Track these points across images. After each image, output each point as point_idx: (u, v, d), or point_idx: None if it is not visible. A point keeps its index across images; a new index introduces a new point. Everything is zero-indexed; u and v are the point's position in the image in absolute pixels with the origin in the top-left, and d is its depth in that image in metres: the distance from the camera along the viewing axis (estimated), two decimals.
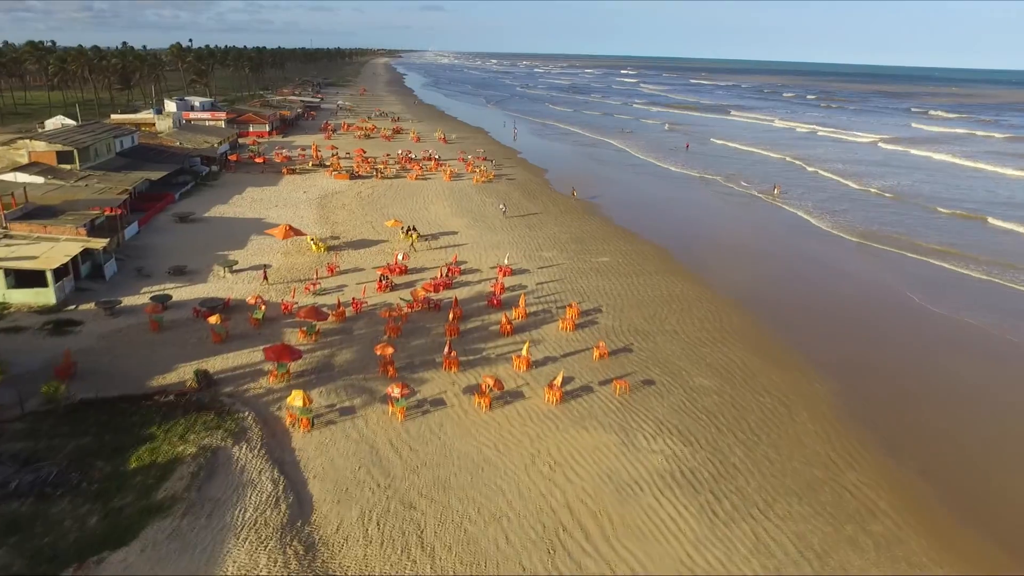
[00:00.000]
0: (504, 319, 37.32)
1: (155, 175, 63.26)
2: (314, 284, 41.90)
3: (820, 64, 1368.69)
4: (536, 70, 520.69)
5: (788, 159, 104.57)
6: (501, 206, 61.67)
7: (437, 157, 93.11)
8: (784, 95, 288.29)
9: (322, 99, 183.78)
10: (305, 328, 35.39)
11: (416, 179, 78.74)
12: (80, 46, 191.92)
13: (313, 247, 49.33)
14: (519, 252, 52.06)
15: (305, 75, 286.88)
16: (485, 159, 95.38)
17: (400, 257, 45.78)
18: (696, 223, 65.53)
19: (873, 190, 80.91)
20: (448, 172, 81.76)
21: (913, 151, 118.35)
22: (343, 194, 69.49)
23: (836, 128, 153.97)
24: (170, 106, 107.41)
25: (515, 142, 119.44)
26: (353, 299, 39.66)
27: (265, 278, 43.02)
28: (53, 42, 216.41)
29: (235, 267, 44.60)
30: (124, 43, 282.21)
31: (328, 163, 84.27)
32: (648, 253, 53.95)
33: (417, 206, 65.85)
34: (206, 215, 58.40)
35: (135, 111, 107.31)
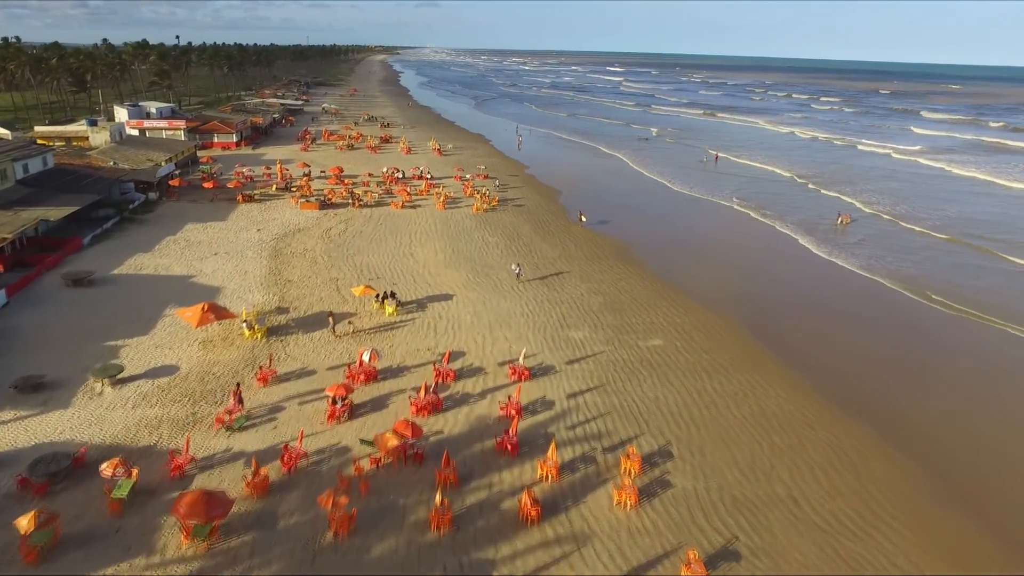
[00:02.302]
0: (526, 498, 22.77)
1: (59, 212, 48.66)
2: (230, 413, 27.31)
3: (810, 60, 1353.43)
4: (523, 67, 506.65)
5: (796, 178, 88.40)
6: (514, 267, 46.16)
7: (429, 176, 78.51)
8: (779, 94, 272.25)
9: (307, 101, 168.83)
10: (193, 526, 20.90)
11: (402, 207, 64.11)
12: (57, 43, 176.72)
13: (246, 333, 34.73)
14: (538, 332, 37.53)
15: (294, 74, 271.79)
16: (487, 177, 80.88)
17: (367, 357, 31.14)
18: (750, 274, 50.69)
19: (918, 228, 63.90)
20: (442, 197, 67.21)
21: (933, 163, 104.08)
22: (308, 232, 54.82)
23: (840, 135, 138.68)
24: (120, 113, 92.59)
25: (519, 151, 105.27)
26: (284, 449, 25.09)
27: (239, 401, 27.69)
28: (18, 38, 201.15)
29: (119, 376, 29.99)
30: (104, 40, 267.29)
31: (295, 186, 69.63)
32: (713, 329, 39.42)
33: (400, 251, 51.23)
34: (114, 272, 43.55)
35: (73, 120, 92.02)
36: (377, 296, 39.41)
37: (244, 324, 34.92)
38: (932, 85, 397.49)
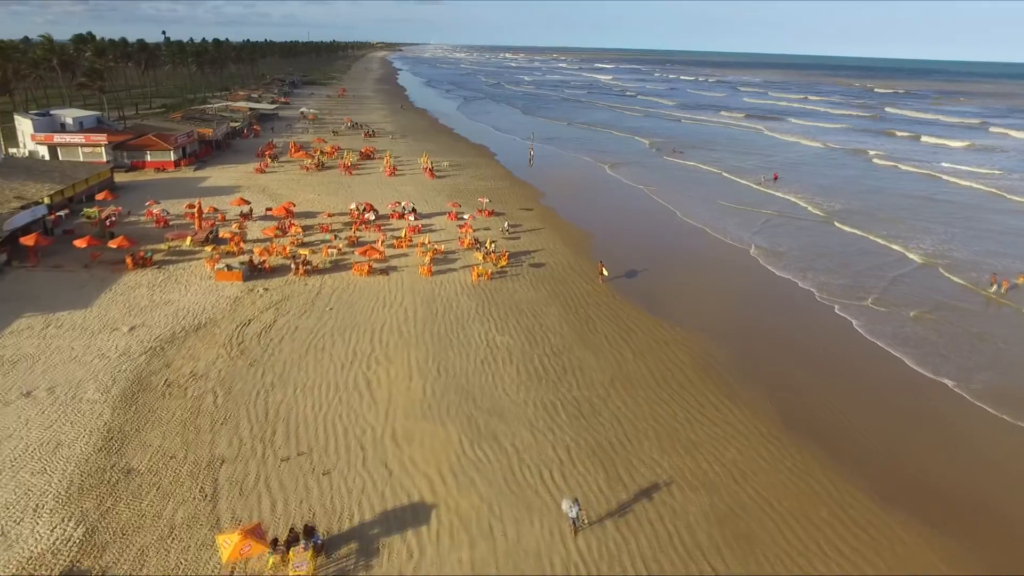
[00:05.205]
0: None
1: None
2: None
3: (801, 56, 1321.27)
4: (510, 64, 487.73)
5: (815, 211, 67.07)
6: (567, 506, 21.41)
7: (413, 213, 58.46)
8: (775, 94, 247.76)
9: (286, 103, 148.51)
10: None
11: (369, 272, 44.07)
12: None
13: None
14: None
15: (282, 72, 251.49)
16: (492, 213, 60.91)
17: None
18: (925, 434, 30.95)
19: None
20: (429, 252, 47.23)
21: (986, 188, 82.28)
22: (209, 332, 34.65)
23: (856, 144, 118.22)
24: (23, 125, 72.52)
25: (531, 168, 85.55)
26: None
27: None
28: None
29: None
30: (89, 32, 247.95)
31: (219, 236, 49.47)
32: None
33: (350, 375, 31.07)
34: None
35: None
36: (275, 545, 19.29)
37: None
38: (941, 83, 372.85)
